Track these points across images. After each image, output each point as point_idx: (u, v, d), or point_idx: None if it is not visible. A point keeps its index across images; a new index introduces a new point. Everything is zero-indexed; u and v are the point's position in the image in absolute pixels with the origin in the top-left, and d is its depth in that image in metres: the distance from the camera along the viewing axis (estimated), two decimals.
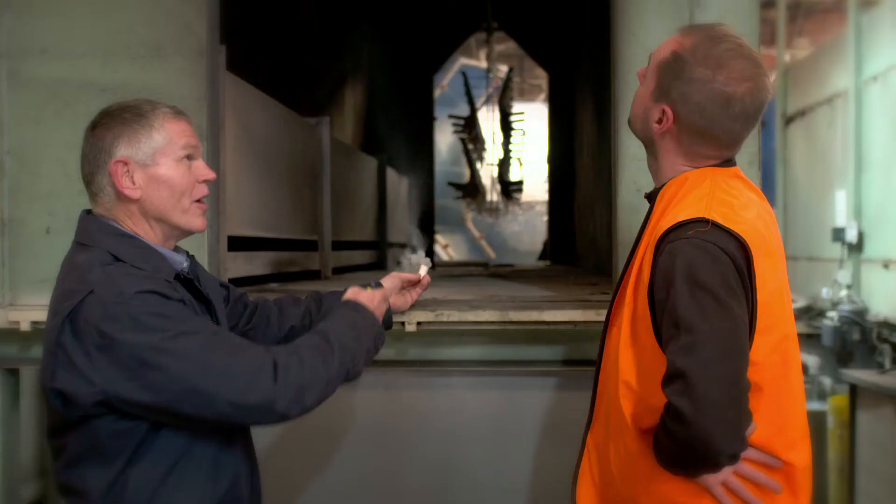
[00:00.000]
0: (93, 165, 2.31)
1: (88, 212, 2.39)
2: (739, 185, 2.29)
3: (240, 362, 2.17)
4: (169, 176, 2.34)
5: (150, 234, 2.36)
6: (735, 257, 2.10)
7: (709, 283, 2.06)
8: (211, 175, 2.42)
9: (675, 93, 2.25)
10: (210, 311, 2.44)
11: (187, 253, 2.50)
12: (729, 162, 2.34)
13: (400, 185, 10.85)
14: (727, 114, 2.23)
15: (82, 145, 2.34)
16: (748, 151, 3.45)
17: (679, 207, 2.19)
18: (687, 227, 2.13)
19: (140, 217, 2.34)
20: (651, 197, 2.36)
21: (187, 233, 2.41)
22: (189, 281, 2.37)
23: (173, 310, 2.17)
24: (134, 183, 2.31)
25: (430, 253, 11.75)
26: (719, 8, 3.56)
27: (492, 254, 21.65)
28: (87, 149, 2.32)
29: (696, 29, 2.33)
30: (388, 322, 3.07)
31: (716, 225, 2.11)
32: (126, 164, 2.29)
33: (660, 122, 2.29)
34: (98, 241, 2.29)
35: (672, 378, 2.03)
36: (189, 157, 2.38)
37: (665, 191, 2.28)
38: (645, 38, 3.56)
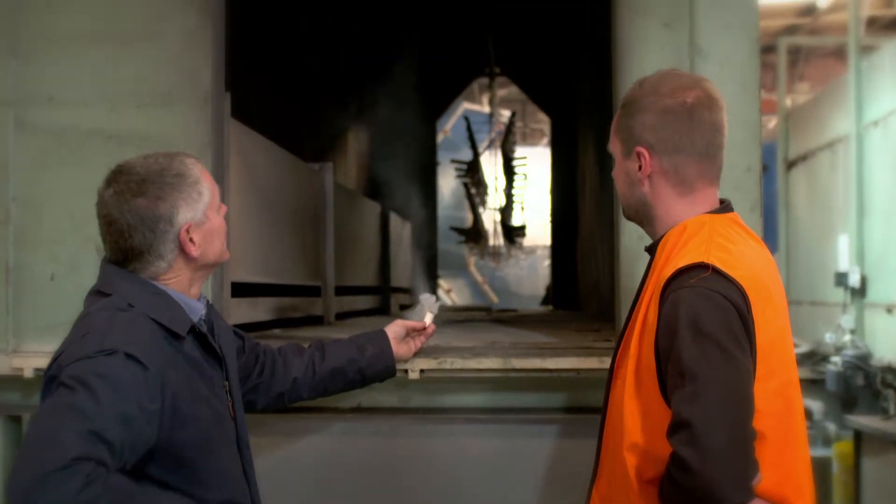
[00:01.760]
0: (150, 237, 2.30)
1: (110, 259, 2.40)
2: (738, 230, 2.32)
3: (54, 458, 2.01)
4: (218, 226, 2.40)
5: (183, 283, 2.38)
6: (737, 304, 2.11)
7: (713, 331, 2.07)
8: (224, 209, 2.47)
9: (636, 130, 2.33)
10: (220, 366, 2.45)
11: (207, 301, 2.51)
12: (726, 207, 2.37)
13: (403, 230, 10.87)
14: (691, 123, 2.31)
15: (114, 213, 2.30)
16: (750, 197, 3.47)
17: (680, 255, 2.21)
18: (689, 273, 2.14)
19: (184, 269, 2.37)
20: (651, 249, 2.38)
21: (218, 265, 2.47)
22: (202, 335, 2.38)
23: (126, 381, 2.15)
24: (194, 243, 2.33)
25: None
26: (719, 55, 3.59)
27: (494, 298, 21.64)
28: (134, 219, 2.29)
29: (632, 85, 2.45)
30: (391, 370, 3.08)
31: (716, 270, 2.13)
32: (188, 229, 2.32)
33: (640, 167, 2.33)
34: (118, 289, 2.31)
35: (677, 427, 2.03)
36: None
37: (665, 241, 2.30)
38: None
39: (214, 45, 3.76)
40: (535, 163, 16.02)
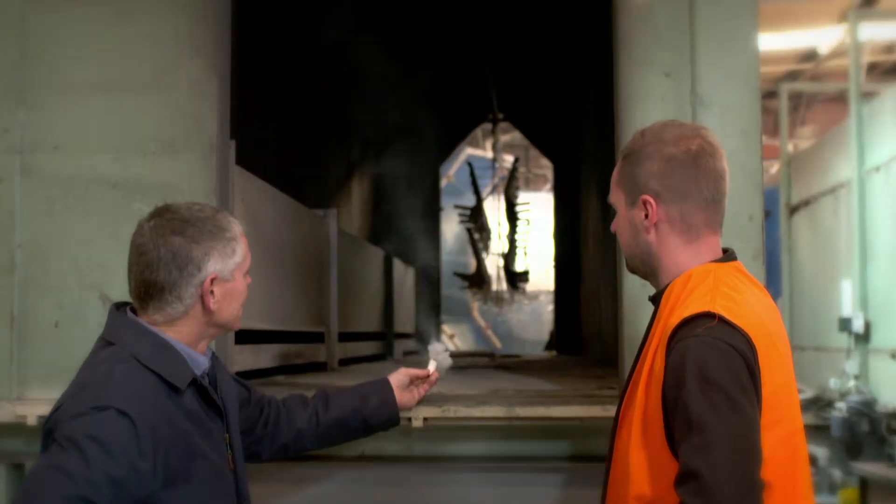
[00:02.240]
0: (176, 275, 2.32)
1: (119, 306, 2.41)
2: (742, 279, 2.32)
3: None
4: (241, 290, 2.42)
5: (192, 335, 2.39)
6: (744, 353, 2.11)
7: (720, 381, 2.06)
8: (249, 280, 2.49)
9: (641, 179, 2.34)
10: (221, 419, 2.45)
11: (213, 353, 2.52)
12: (730, 256, 2.37)
13: (406, 276, 10.88)
14: (696, 170, 2.31)
15: (149, 244, 2.33)
16: (752, 246, 3.48)
17: (686, 304, 2.21)
18: (695, 323, 2.14)
19: (196, 324, 2.38)
20: (655, 298, 2.38)
21: (229, 332, 2.48)
22: (204, 389, 2.39)
23: (117, 442, 2.16)
24: (213, 297, 2.35)
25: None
26: (721, 104, 3.62)
27: (498, 344, 21.60)
28: (166, 255, 2.32)
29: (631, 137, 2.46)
30: (395, 419, 3.07)
31: (722, 320, 2.13)
32: (213, 279, 2.34)
33: (647, 216, 2.34)
34: (122, 339, 2.32)
35: (685, 478, 2.02)
36: None
37: (670, 290, 2.30)
38: None
39: (220, 94, 3.80)
40: (538, 208, 16.07)
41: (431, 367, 3.23)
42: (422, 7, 8.93)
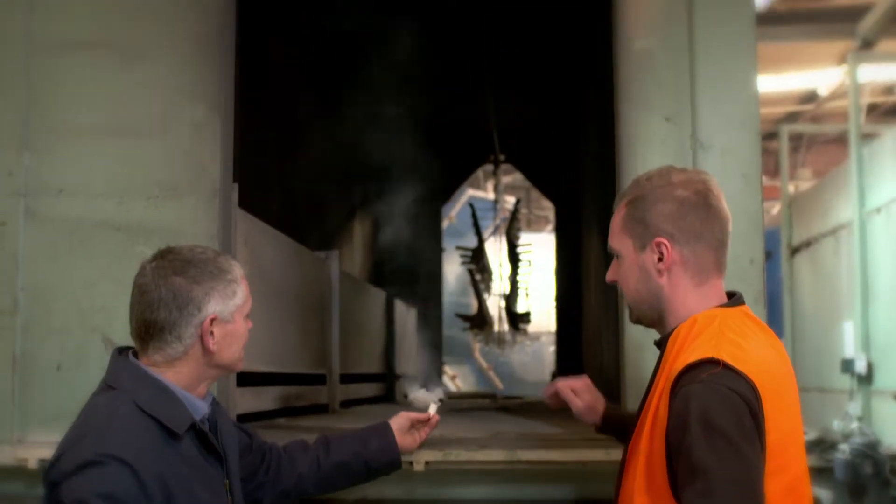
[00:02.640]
0: (176, 315, 2.34)
1: (121, 350, 2.43)
2: (749, 324, 2.32)
3: None
4: (241, 332, 2.44)
5: (192, 377, 2.40)
6: (748, 400, 2.11)
7: (724, 427, 2.06)
8: (250, 324, 2.50)
9: (653, 221, 2.35)
10: (222, 464, 2.45)
11: (213, 398, 2.53)
12: (737, 300, 2.38)
13: (408, 317, 10.87)
14: (707, 212, 2.35)
15: (150, 283, 2.36)
16: (753, 289, 3.49)
17: (691, 349, 2.21)
18: (699, 369, 2.14)
19: (196, 366, 2.39)
20: (660, 343, 2.38)
21: (230, 374, 2.49)
22: (203, 434, 2.39)
23: (126, 496, 2.19)
24: (213, 338, 2.36)
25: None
26: (721, 148, 3.64)
27: (500, 384, 21.52)
28: (167, 295, 2.34)
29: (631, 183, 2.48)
30: (396, 463, 3.07)
31: (727, 366, 2.13)
32: (213, 320, 2.35)
33: (661, 258, 2.34)
34: (124, 386, 2.33)
35: None
36: None
37: (676, 335, 2.30)
38: None
39: (223, 138, 3.82)
40: (540, 249, 16.08)
41: (432, 410, 3.23)
42: (423, 49, 8.97)
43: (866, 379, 10.06)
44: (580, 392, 3.04)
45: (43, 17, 3.87)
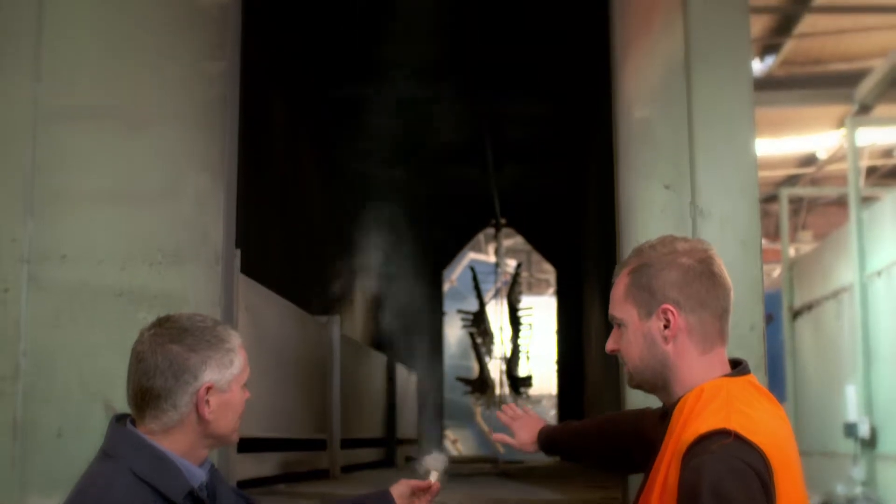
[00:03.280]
0: (172, 382, 2.34)
1: (119, 418, 2.43)
2: (755, 394, 2.32)
3: None
4: (237, 402, 2.43)
5: (188, 445, 2.39)
6: (759, 471, 2.10)
7: (735, 499, 2.06)
8: (248, 395, 2.50)
9: (659, 289, 2.35)
10: None
11: (212, 465, 2.52)
12: (742, 369, 2.38)
13: (409, 381, 10.85)
14: (712, 280, 2.35)
15: (147, 351, 2.36)
16: (754, 356, 3.48)
17: (700, 420, 2.20)
18: (711, 439, 2.13)
19: (192, 434, 2.39)
20: (666, 413, 2.38)
21: (226, 446, 2.47)
22: (200, 501, 2.39)
23: None
24: (209, 407, 2.36)
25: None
26: (720, 215, 3.66)
27: (501, 449, 21.34)
28: (163, 362, 2.35)
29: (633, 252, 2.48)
30: None
31: (738, 437, 2.12)
32: (209, 388, 2.35)
33: (667, 325, 2.35)
34: (121, 454, 2.33)
35: None
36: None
37: (682, 405, 2.30)
38: None
39: (226, 206, 3.85)
40: (541, 312, 16.08)
41: (433, 477, 3.21)
42: (425, 115, 9.06)
43: (870, 443, 10.00)
44: (518, 419, 3.13)
45: (49, 84, 3.91)
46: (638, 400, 3.52)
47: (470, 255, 19.44)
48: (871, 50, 12.87)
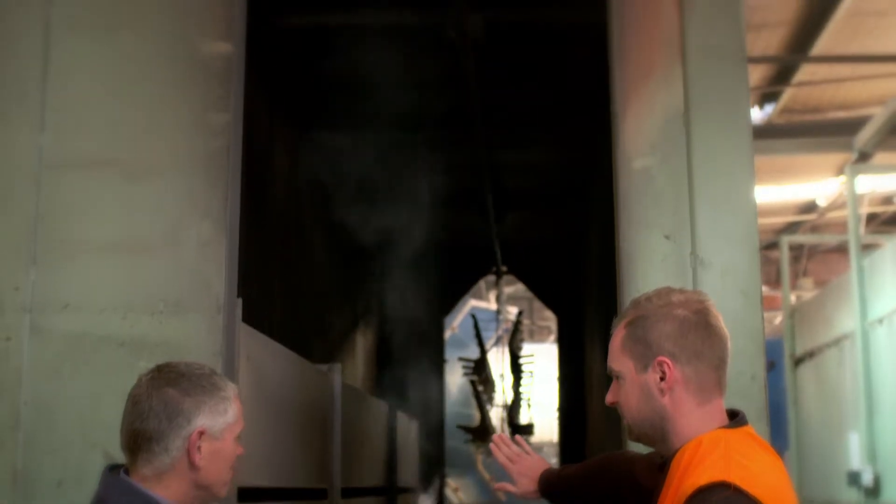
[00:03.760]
0: (165, 425, 2.36)
1: (112, 468, 2.43)
2: (753, 446, 2.32)
3: None
4: (229, 453, 2.44)
5: (178, 495, 2.39)
6: None
7: None
8: (241, 451, 2.50)
9: (655, 341, 2.37)
10: None
11: None
12: (740, 420, 2.38)
13: (410, 428, 10.81)
14: (707, 331, 2.36)
15: (143, 394, 2.38)
16: (755, 406, 3.48)
17: (698, 472, 2.21)
18: (710, 492, 2.13)
19: (184, 478, 2.39)
20: (663, 466, 2.38)
21: (215, 498, 2.46)
22: None
23: None
24: (200, 453, 2.37)
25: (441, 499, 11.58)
26: (720, 265, 3.68)
27: (502, 497, 21.23)
28: (158, 405, 2.36)
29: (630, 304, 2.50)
30: None
31: (738, 490, 2.13)
32: (202, 434, 2.36)
33: (663, 378, 2.35)
34: (113, 502, 2.33)
35: None
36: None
37: (681, 456, 2.30)
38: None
39: (229, 255, 3.86)
40: (543, 359, 16.06)
41: None
42: (427, 164, 9.11)
43: (873, 492, 9.94)
44: (517, 461, 3.12)
45: (54, 134, 3.93)
46: (639, 446, 3.52)
47: (471, 303, 19.45)
48: (870, 98, 12.94)
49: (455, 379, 17.46)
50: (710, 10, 3.94)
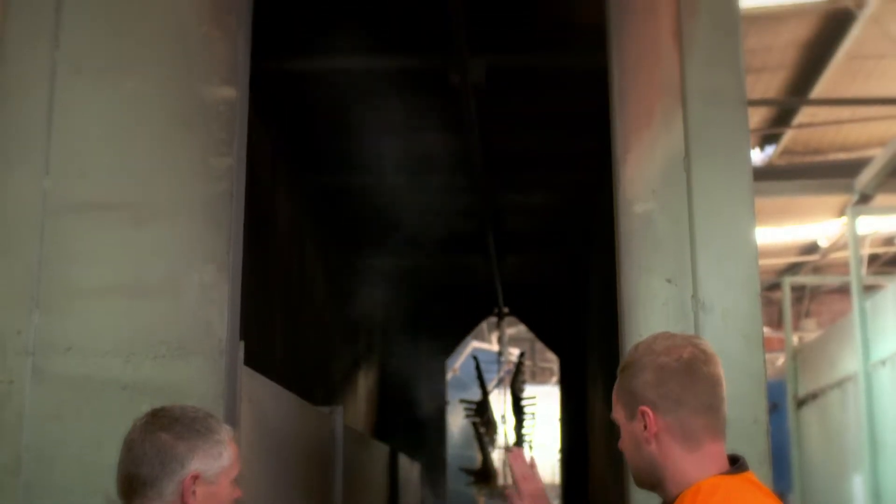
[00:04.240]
0: (158, 469, 2.35)
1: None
2: (754, 492, 2.31)
3: None
4: (224, 497, 2.43)
5: None
6: None
7: None
8: (239, 494, 2.49)
9: (638, 390, 2.37)
10: None
11: None
12: (740, 466, 2.37)
13: (412, 471, 10.77)
14: (690, 377, 2.34)
15: (137, 439, 2.38)
16: (758, 450, 3.47)
17: None
18: None
19: None
20: None
21: None
22: None
23: None
24: (195, 497, 2.36)
25: None
26: (722, 309, 3.68)
27: None
28: (151, 450, 2.36)
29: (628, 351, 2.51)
30: None
31: None
32: (196, 478, 2.35)
33: (646, 427, 2.35)
34: None
35: None
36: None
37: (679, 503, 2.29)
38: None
39: (231, 299, 3.87)
40: (545, 401, 16.01)
41: None
42: (428, 208, 9.14)
43: None
44: (528, 479, 3.08)
45: (57, 178, 3.95)
46: (641, 496, 3.51)
47: (473, 344, 19.43)
48: (870, 140, 13.01)
49: (457, 420, 17.41)
50: (709, 54, 3.97)
